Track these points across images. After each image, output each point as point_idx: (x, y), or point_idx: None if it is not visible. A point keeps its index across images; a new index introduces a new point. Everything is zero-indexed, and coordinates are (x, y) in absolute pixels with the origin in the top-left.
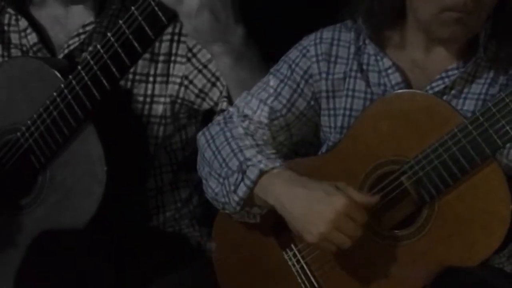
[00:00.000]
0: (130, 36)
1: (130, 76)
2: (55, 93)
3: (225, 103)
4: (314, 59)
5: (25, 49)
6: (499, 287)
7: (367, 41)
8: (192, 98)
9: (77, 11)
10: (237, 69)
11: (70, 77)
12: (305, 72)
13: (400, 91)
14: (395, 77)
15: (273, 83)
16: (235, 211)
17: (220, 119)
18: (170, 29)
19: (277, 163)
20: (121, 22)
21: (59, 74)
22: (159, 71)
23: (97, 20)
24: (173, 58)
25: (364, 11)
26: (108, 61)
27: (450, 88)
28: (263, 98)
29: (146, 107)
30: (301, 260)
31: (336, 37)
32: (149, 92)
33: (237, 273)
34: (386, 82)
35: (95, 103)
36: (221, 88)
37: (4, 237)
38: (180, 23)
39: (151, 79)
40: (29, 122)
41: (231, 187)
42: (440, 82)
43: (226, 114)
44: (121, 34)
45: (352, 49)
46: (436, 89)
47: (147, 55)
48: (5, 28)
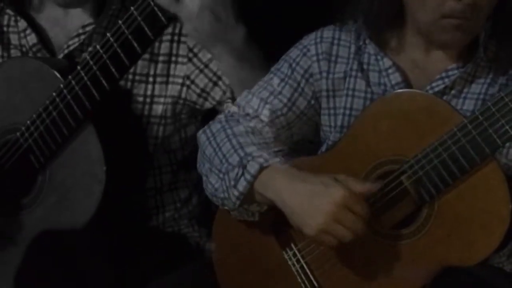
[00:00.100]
0: (130, 37)
1: (129, 76)
2: (54, 93)
3: (230, 104)
4: (314, 58)
5: (24, 49)
6: (499, 286)
7: (367, 40)
8: (194, 98)
9: (76, 12)
10: (239, 68)
11: (70, 77)
12: (305, 71)
13: (400, 90)
14: (395, 77)
15: (274, 82)
16: (234, 207)
17: (222, 117)
18: (170, 29)
19: (277, 159)
20: (120, 22)
21: (58, 74)
22: (159, 71)
23: (97, 21)
24: (173, 58)
25: (363, 13)
26: (107, 61)
27: (450, 88)
28: (264, 97)
29: (146, 107)
30: (301, 259)
31: (336, 36)
32: (148, 93)
33: (237, 272)
34: (386, 82)
35: (95, 103)
36: (224, 87)
37: (3, 237)
38: (180, 23)
39: (150, 79)
40: (28, 122)
41: (231, 182)
42: (440, 82)
43: (227, 112)
44: (121, 34)
45: (353, 49)
46: (436, 89)
47: (147, 55)
48: (5, 29)
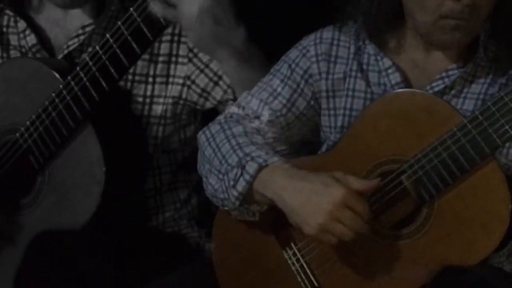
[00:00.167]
0: (129, 37)
1: (129, 77)
2: (53, 94)
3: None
4: (314, 59)
5: (24, 50)
6: (498, 286)
7: (367, 41)
8: (195, 98)
9: (76, 13)
10: (241, 70)
11: (69, 77)
12: (305, 72)
13: (399, 90)
14: (395, 77)
15: (273, 83)
16: (234, 207)
17: (221, 118)
18: (170, 30)
19: (276, 158)
20: (119, 23)
21: (58, 75)
22: (158, 72)
23: (96, 21)
24: (173, 59)
25: (363, 14)
26: (106, 62)
27: (450, 88)
28: (264, 98)
29: (146, 107)
30: (300, 259)
31: (336, 37)
32: (148, 93)
33: (237, 272)
34: (386, 82)
35: (94, 103)
36: (224, 87)
37: (3, 237)
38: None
39: (150, 79)
40: (28, 122)
41: (231, 182)
42: (440, 82)
43: (227, 113)
44: (120, 35)
45: (352, 49)
46: (436, 89)
47: (146, 56)
48: (4, 29)
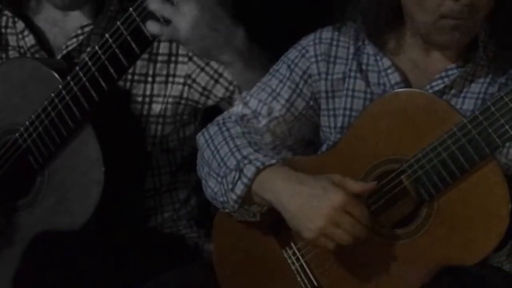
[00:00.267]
0: (128, 37)
1: (128, 77)
2: (53, 94)
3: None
4: (313, 60)
5: (22, 51)
6: (498, 285)
7: (366, 41)
8: (196, 97)
9: (75, 14)
10: (248, 70)
11: (68, 78)
12: (304, 72)
13: (399, 90)
14: (395, 77)
15: (272, 83)
16: (234, 210)
17: (219, 119)
18: None
19: (274, 161)
20: (118, 23)
21: (57, 75)
22: (158, 71)
23: (95, 22)
24: (173, 58)
25: (363, 14)
26: (106, 62)
27: (450, 88)
28: (262, 98)
29: (145, 107)
30: (300, 258)
31: (335, 37)
32: (147, 92)
33: (237, 272)
34: (386, 82)
35: (93, 104)
36: (225, 84)
37: (2, 237)
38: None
39: (149, 79)
40: (27, 123)
41: (229, 186)
42: (440, 81)
43: (225, 114)
44: (119, 35)
45: (352, 49)
46: (436, 89)
47: (146, 55)
48: (3, 30)
